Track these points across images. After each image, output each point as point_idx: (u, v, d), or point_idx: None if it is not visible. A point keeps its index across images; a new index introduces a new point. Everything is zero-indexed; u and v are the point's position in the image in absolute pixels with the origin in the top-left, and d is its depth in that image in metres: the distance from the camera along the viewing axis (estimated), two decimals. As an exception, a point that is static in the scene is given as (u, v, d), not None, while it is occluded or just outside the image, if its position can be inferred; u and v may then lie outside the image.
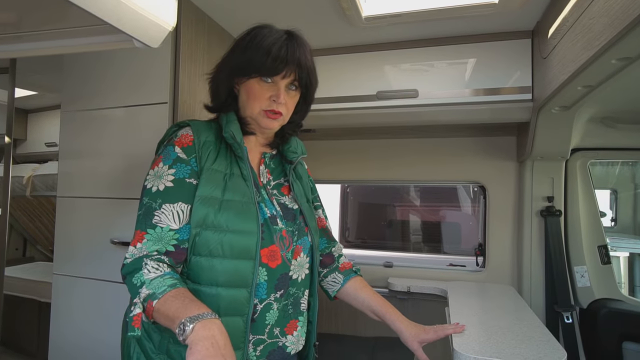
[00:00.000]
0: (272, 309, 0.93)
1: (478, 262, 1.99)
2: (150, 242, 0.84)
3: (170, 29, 0.78)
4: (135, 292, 0.79)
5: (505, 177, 1.88)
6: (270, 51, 0.91)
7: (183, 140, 0.93)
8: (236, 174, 0.94)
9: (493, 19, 1.48)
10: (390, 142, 2.05)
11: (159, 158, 0.93)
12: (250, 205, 0.91)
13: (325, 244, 1.19)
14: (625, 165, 3.29)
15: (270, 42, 0.92)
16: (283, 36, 0.95)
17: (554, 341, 1.05)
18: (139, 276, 0.79)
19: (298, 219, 1.01)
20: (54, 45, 0.85)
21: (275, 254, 0.93)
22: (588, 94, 1.20)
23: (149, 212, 0.86)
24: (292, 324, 0.98)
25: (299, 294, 1.00)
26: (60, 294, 1.54)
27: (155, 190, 0.88)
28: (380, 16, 1.48)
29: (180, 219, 0.87)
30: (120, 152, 1.47)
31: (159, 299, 0.75)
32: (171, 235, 0.86)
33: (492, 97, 1.58)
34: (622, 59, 0.93)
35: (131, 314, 0.75)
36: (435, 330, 1.04)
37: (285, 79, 0.95)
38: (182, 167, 0.90)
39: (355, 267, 1.19)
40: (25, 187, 2.56)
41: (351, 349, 1.77)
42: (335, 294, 1.16)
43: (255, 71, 0.93)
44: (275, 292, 0.93)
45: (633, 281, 3.23)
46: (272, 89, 0.94)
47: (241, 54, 0.95)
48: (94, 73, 1.54)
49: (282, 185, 1.05)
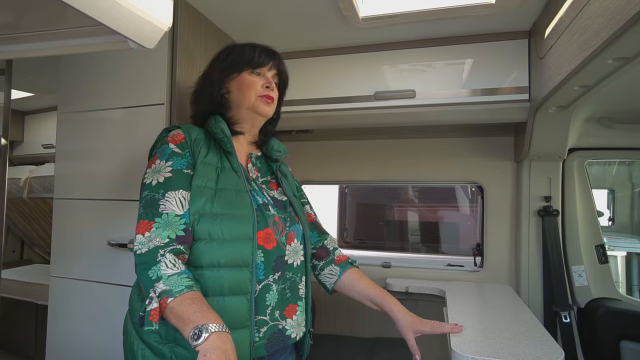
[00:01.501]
0: (272, 290, 0.96)
1: (476, 262, 1.99)
2: (160, 229, 0.86)
3: (166, 30, 0.78)
4: (150, 284, 0.80)
5: (503, 177, 1.89)
6: (256, 47, 1.07)
7: (175, 138, 0.98)
8: (227, 167, 0.99)
9: (490, 19, 1.48)
10: (388, 143, 2.05)
11: (155, 156, 0.97)
12: (243, 193, 0.96)
13: (317, 237, 1.21)
14: (622, 165, 3.30)
15: (250, 45, 1.08)
16: (252, 43, 1.09)
17: (551, 341, 1.04)
18: (155, 270, 0.82)
19: (288, 208, 1.06)
20: (49, 47, 0.85)
21: (270, 237, 0.97)
22: (585, 94, 1.20)
23: (154, 202, 0.89)
24: (291, 308, 1.00)
25: (296, 279, 1.03)
26: (57, 296, 1.53)
27: (155, 183, 0.91)
28: (377, 17, 1.48)
29: (183, 205, 0.90)
30: (117, 153, 1.46)
31: (175, 297, 0.77)
32: (178, 220, 0.88)
33: (490, 97, 1.59)
34: (619, 59, 0.94)
35: (148, 308, 0.77)
36: (432, 325, 1.05)
37: (270, 71, 1.08)
38: (179, 159, 0.95)
39: (351, 259, 1.21)
40: (23, 189, 2.55)
41: (349, 349, 1.77)
42: (333, 286, 1.17)
43: (246, 63, 1.05)
44: (272, 273, 0.97)
45: (630, 280, 3.24)
46: (261, 79, 1.06)
47: (226, 57, 1.08)
48: (90, 74, 1.54)
49: (270, 182, 1.11)
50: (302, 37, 1.67)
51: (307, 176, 2.13)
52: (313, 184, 2.27)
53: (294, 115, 1.75)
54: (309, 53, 1.78)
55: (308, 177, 2.13)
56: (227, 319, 0.78)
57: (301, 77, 1.09)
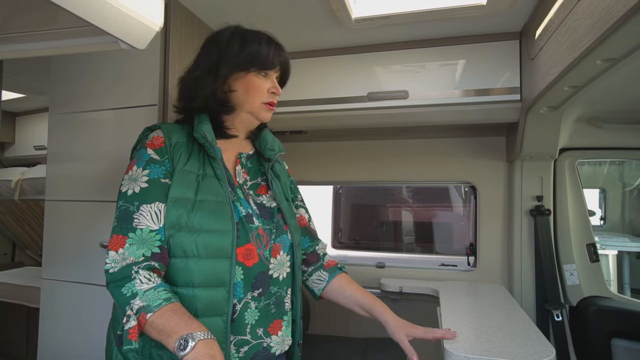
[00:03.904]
0: (250, 308, 0.91)
1: (469, 261, 2.00)
2: (134, 247, 0.83)
3: (157, 30, 0.78)
4: (125, 302, 0.78)
5: (496, 177, 1.90)
6: (271, 43, 0.99)
7: (154, 142, 0.93)
8: (209, 175, 0.93)
9: (481, 21, 1.49)
10: (381, 143, 2.06)
11: (133, 162, 0.93)
12: (224, 204, 0.90)
13: (308, 242, 1.17)
14: (613, 165, 3.34)
15: (265, 38, 0.99)
16: (266, 35, 1.01)
17: (543, 339, 1.06)
18: (130, 286, 0.79)
19: (276, 217, 1.00)
20: (40, 47, 0.85)
21: (251, 253, 0.92)
22: (575, 95, 1.22)
23: (127, 215, 0.85)
24: (276, 324, 0.97)
25: (281, 293, 0.99)
26: (48, 299, 1.52)
27: (131, 193, 0.87)
28: (369, 18, 1.49)
29: (158, 218, 0.86)
30: (109, 154, 1.45)
31: (155, 312, 0.75)
32: (153, 236, 0.85)
33: (482, 97, 1.60)
34: (607, 59, 0.95)
35: (126, 327, 0.74)
36: (424, 330, 1.02)
37: (276, 72, 1.02)
38: (156, 167, 0.90)
39: (340, 265, 1.18)
40: (14, 191, 2.52)
41: (343, 350, 1.77)
42: (321, 293, 1.14)
43: (259, 65, 0.97)
44: (252, 290, 0.92)
45: (622, 279, 3.27)
46: (268, 82, 1.00)
47: (240, 50, 0.97)
48: (82, 75, 1.53)
49: (259, 185, 1.04)
50: (295, 38, 1.67)
51: (301, 177, 2.12)
52: (307, 185, 2.27)
53: (287, 116, 1.75)
54: (301, 54, 1.78)
55: (302, 178, 2.13)
56: None
57: (294, 78, 1.09)
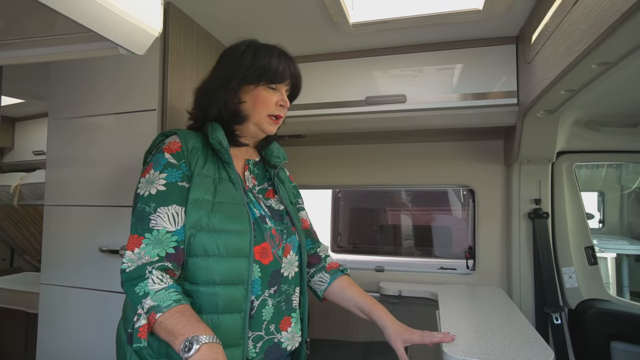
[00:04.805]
0: (268, 305, 0.95)
1: (468, 265, 2.00)
2: (149, 246, 0.85)
3: (157, 36, 0.79)
4: (138, 301, 0.80)
5: (494, 180, 1.90)
6: (281, 58, 1.02)
7: (171, 147, 0.95)
8: (225, 179, 0.97)
9: (478, 25, 1.50)
10: (380, 147, 2.06)
11: (149, 166, 0.94)
12: (240, 206, 0.94)
13: (310, 244, 1.21)
14: (611, 168, 3.35)
15: (277, 52, 1.02)
16: (278, 49, 1.04)
17: (542, 342, 1.06)
18: (142, 286, 0.81)
19: (285, 219, 1.05)
20: (40, 53, 0.85)
21: (267, 251, 0.95)
22: (571, 98, 1.23)
23: (144, 216, 0.88)
24: (285, 321, 1.00)
25: (290, 291, 1.02)
26: (47, 304, 1.51)
27: (147, 195, 0.89)
28: (367, 23, 1.50)
29: (175, 221, 0.89)
30: (108, 159, 1.46)
31: (164, 312, 0.77)
32: (169, 237, 0.87)
33: (479, 101, 1.61)
34: (602, 63, 0.96)
35: (137, 325, 0.77)
36: (422, 335, 1.02)
37: (286, 86, 1.05)
38: (174, 171, 0.92)
39: (342, 267, 1.20)
40: (13, 196, 2.52)
41: (343, 353, 1.76)
42: (323, 294, 1.17)
43: (268, 79, 1.00)
44: (268, 288, 0.95)
45: (621, 281, 3.27)
46: (276, 95, 1.03)
47: (252, 64, 1.00)
48: (81, 80, 1.53)
49: (267, 190, 1.09)
50: (293, 43, 1.66)
51: (300, 181, 2.11)
52: (306, 189, 2.27)
53: (285, 120, 1.75)
54: (300, 59, 1.74)
55: (301, 182, 2.12)
56: (220, 336, 0.77)
57: (292, 83, 1.13)
